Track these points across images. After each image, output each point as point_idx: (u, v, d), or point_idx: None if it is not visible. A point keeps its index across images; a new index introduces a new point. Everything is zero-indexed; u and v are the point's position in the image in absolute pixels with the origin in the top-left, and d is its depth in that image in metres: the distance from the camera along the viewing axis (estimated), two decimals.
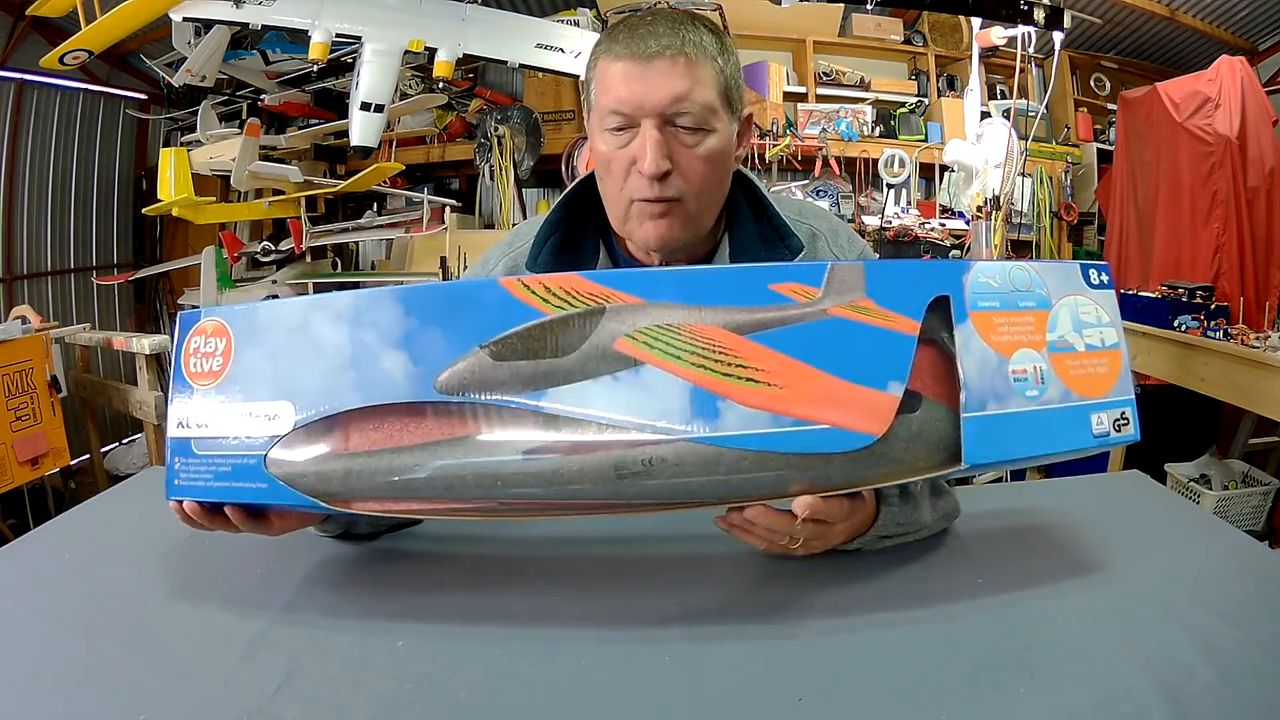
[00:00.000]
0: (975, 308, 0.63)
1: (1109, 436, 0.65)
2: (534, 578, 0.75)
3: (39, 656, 0.63)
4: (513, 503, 0.62)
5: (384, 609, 0.70)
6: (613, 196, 0.83)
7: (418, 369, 0.62)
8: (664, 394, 0.60)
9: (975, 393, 0.62)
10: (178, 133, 4.35)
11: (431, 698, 0.58)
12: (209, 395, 0.66)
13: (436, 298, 0.64)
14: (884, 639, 0.65)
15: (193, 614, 0.69)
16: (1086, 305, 0.66)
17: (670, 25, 0.77)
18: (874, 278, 0.63)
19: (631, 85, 0.76)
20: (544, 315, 0.61)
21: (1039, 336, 0.64)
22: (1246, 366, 2.35)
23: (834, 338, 0.61)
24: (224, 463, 0.65)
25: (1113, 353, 0.66)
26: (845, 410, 0.61)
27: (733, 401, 0.60)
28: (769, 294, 0.62)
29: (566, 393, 0.60)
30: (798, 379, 0.60)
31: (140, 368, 2.80)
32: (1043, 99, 4.10)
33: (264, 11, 2.81)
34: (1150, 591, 0.71)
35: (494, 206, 4.27)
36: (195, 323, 0.67)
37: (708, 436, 0.60)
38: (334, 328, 0.63)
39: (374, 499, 0.63)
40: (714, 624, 0.67)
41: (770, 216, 0.89)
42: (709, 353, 0.60)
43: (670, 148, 0.77)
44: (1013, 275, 0.65)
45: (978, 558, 0.78)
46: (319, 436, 0.63)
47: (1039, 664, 0.61)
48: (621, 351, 0.60)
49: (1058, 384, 0.64)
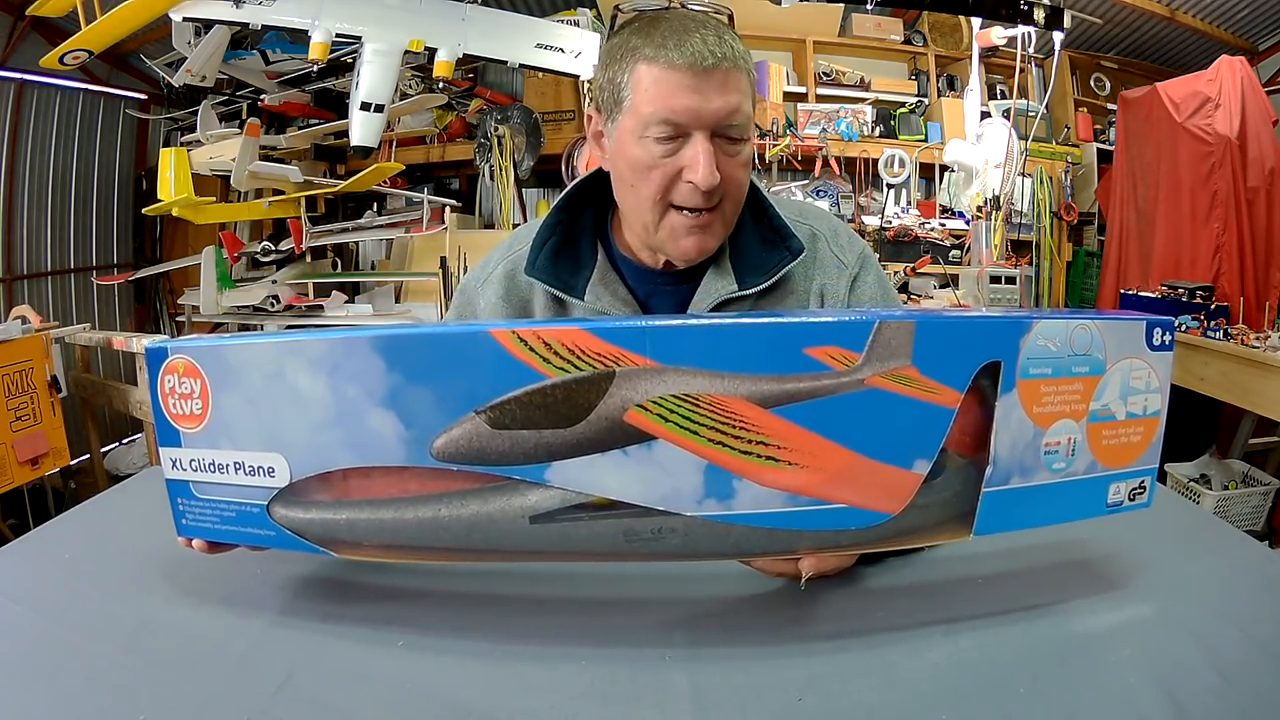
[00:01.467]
0: (1026, 375, 0.58)
1: (1121, 506, 0.64)
2: (534, 578, 0.75)
3: (39, 656, 0.63)
4: (520, 555, 0.61)
5: (384, 609, 0.69)
6: (643, 204, 0.80)
7: (410, 432, 0.57)
8: (677, 472, 0.55)
9: (1002, 468, 0.59)
10: (178, 133, 4.34)
11: (431, 698, 0.58)
12: (196, 440, 0.63)
13: (420, 349, 0.57)
14: (884, 639, 0.64)
15: (193, 614, 0.69)
16: (1140, 370, 0.63)
17: (716, 34, 0.76)
18: (924, 339, 0.56)
19: (687, 97, 0.74)
20: (544, 377, 0.55)
21: (1082, 406, 0.61)
22: (1246, 366, 2.35)
23: (866, 412, 0.55)
24: (228, 508, 0.64)
25: (1151, 421, 0.64)
26: (864, 490, 0.57)
27: (749, 481, 0.56)
28: (803, 359, 0.55)
29: (573, 467, 0.56)
30: (820, 458, 0.56)
31: (140, 368, 2.80)
32: (1043, 99, 4.10)
33: (264, 11, 2.81)
34: (1150, 592, 0.71)
35: (494, 206, 4.27)
36: (164, 360, 0.63)
37: (719, 515, 0.57)
38: (312, 378, 0.58)
39: (381, 548, 0.62)
40: (714, 624, 0.67)
41: (771, 218, 0.89)
42: (729, 428, 0.55)
43: (717, 158, 0.77)
44: (1074, 337, 0.60)
45: (978, 559, 0.78)
46: (320, 488, 0.61)
47: (1039, 664, 0.60)
48: (633, 425, 0.55)
49: (1086, 455, 0.61)
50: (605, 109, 0.82)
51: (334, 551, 0.62)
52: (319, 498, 0.61)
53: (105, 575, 0.76)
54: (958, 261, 3.99)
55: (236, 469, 0.62)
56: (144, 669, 0.61)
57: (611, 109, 0.81)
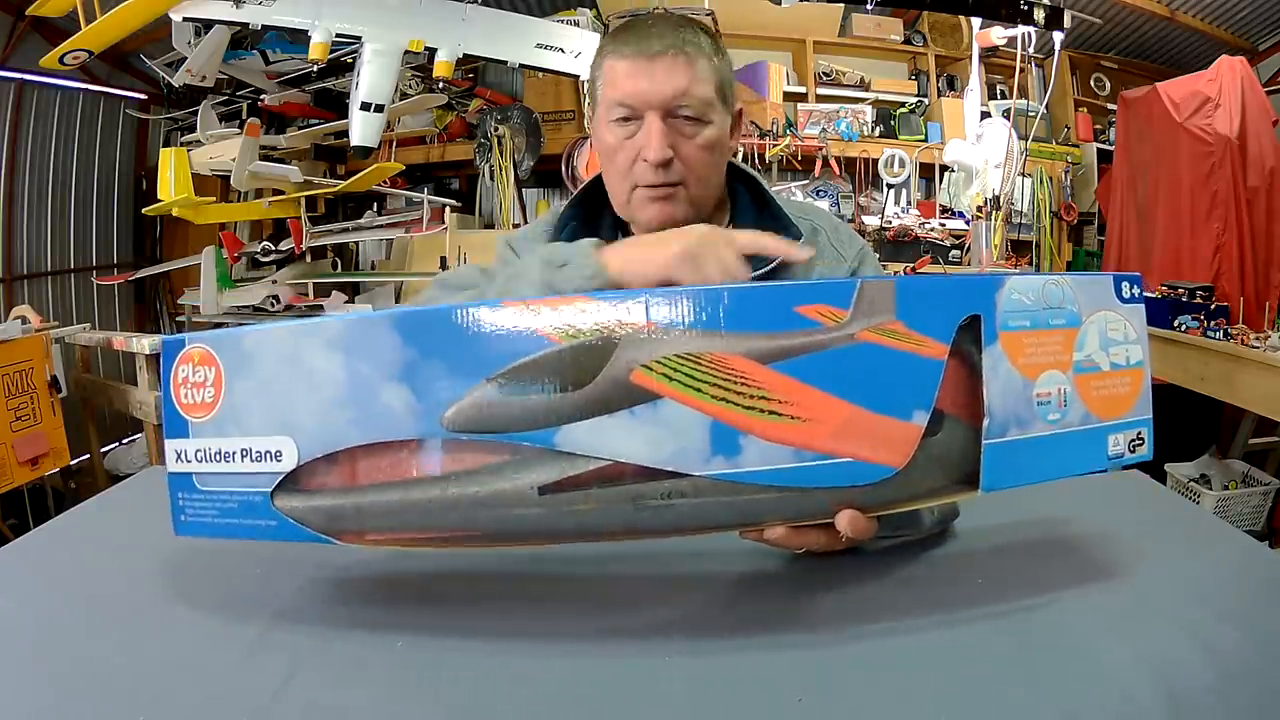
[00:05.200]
0: (1006, 328, 0.61)
1: (1123, 457, 0.65)
2: (534, 579, 0.75)
3: (39, 656, 0.63)
4: (529, 535, 0.61)
5: (384, 609, 0.70)
6: (617, 184, 0.88)
7: (422, 405, 0.58)
8: (683, 431, 0.57)
9: (999, 419, 0.61)
10: (178, 133, 4.35)
11: (431, 698, 0.58)
12: (204, 430, 0.63)
13: (435, 323, 0.59)
14: (884, 639, 0.64)
15: (192, 614, 0.69)
16: (1116, 321, 0.65)
17: (671, 27, 0.84)
18: (905, 297, 0.59)
19: (637, 80, 0.82)
20: (553, 344, 0.57)
21: (1066, 356, 0.63)
22: (1246, 366, 2.35)
23: (861, 365, 0.58)
24: (230, 499, 0.63)
25: (1135, 371, 0.65)
26: (868, 443, 0.59)
27: (755, 436, 0.57)
28: (795, 316, 0.58)
29: (581, 430, 0.57)
30: (821, 411, 0.58)
31: (140, 368, 2.80)
32: (1043, 99, 4.10)
33: (264, 11, 2.81)
34: (1150, 591, 0.71)
35: (494, 206, 4.27)
36: (180, 350, 0.64)
37: (728, 473, 0.57)
38: (327, 357, 0.59)
39: (387, 532, 0.61)
40: (714, 624, 0.67)
41: (772, 210, 0.92)
42: (731, 384, 0.57)
43: (672, 138, 0.83)
44: (1046, 291, 0.63)
45: (978, 558, 0.78)
46: (325, 472, 0.61)
47: (1039, 664, 0.61)
48: (639, 384, 0.57)
49: (1079, 406, 0.63)
50: (590, 105, 0.92)
51: (339, 540, 0.62)
52: (323, 483, 0.61)
53: (105, 575, 0.76)
54: (958, 261, 3.99)
55: (243, 455, 0.62)
56: (144, 669, 0.61)
57: (593, 103, 0.90)
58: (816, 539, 0.64)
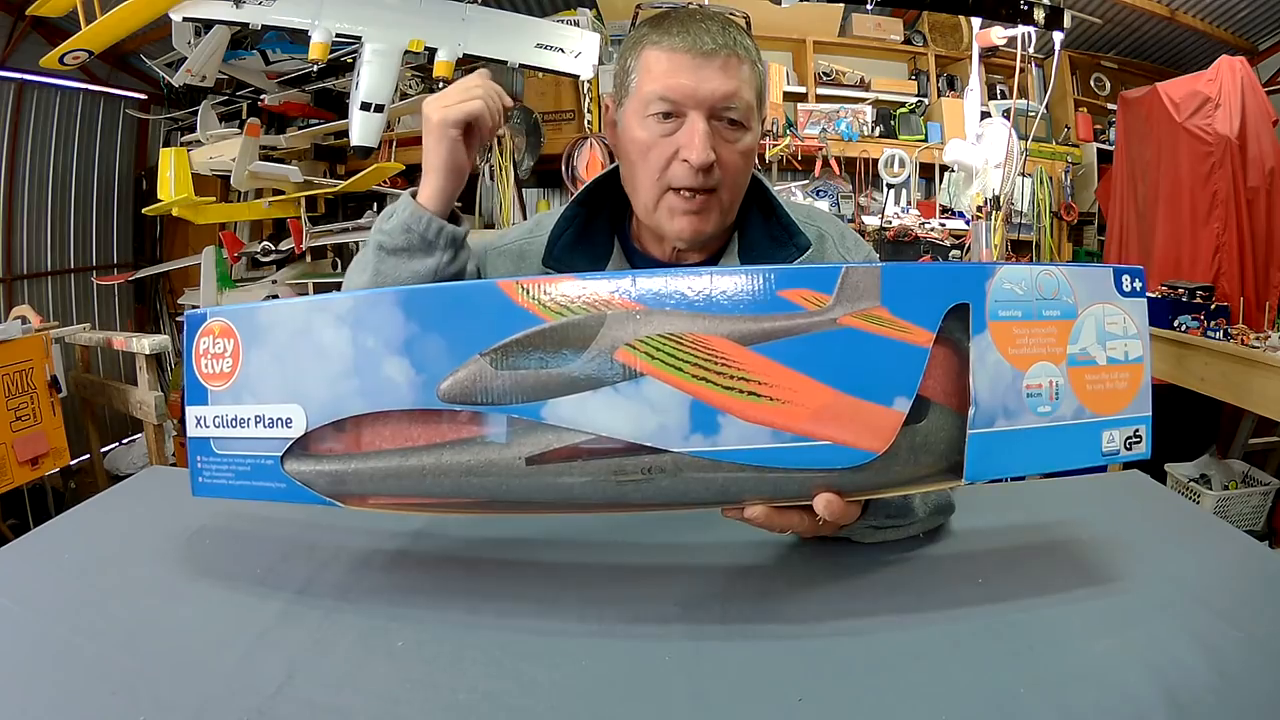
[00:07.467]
0: (995, 317, 0.60)
1: (1118, 454, 0.64)
2: (534, 578, 0.75)
3: (39, 656, 0.63)
4: (517, 503, 0.63)
5: (384, 609, 0.70)
6: (645, 183, 0.83)
7: (420, 376, 0.61)
8: (663, 407, 0.59)
9: (985, 409, 0.60)
10: (178, 133, 4.34)
11: (431, 698, 0.58)
12: (222, 397, 0.67)
13: (436, 300, 0.63)
14: (884, 639, 0.65)
15: (192, 614, 0.69)
16: (1115, 315, 0.64)
17: (722, 26, 0.80)
18: (890, 282, 0.59)
19: (685, 76, 0.78)
20: (543, 321, 0.60)
21: (1059, 349, 0.62)
22: (1246, 366, 2.35)
23: (842, 350, 0.58)
24: (243, 462, 0.67)
25: (1135, 367, 0.64)
26: (848, 427, 0.59)
27: (733, 416, 0.58)
28: (777, 300, 0.59)
29: (566, 404, 0.59)
30: (801, 394, 0.58)
31: (140, 368, 2.79)
32: (1043, 99, 4.09)
33: (264, 11, 2.81)
34: (1150, 591, 0.71)
35: (494, 206, 4.26)
36: (202, 323, 0.68)
37: (706, 451, 0.59)
38: (336, 331, 0.63)
39: (386, 496, 0.64)
40: (714, 624, 0.67)
41: (779, 216, 0.91)
42: (711, 364, 0.58)
43: (714, 141, 0.79)
44: (1039, 281, 0.62)
45: (978, 558, 0.78)
46: (331, 439, 0.64)
47: (1039, 664, 0.61)
48: (622, 362, 0.59)
49: (1072, 400, 0.62)
50: (616, 95, 0.87)
51: (341, 503, 0.65)
52: (330, 448, 0.64)
53: (105, 575, 0.76)
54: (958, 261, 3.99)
55: (256, 422, 0.66)
56: (144, 669, 0.61)
57: (621, 94, 0.86)
58: (800, 521, 0.64)
